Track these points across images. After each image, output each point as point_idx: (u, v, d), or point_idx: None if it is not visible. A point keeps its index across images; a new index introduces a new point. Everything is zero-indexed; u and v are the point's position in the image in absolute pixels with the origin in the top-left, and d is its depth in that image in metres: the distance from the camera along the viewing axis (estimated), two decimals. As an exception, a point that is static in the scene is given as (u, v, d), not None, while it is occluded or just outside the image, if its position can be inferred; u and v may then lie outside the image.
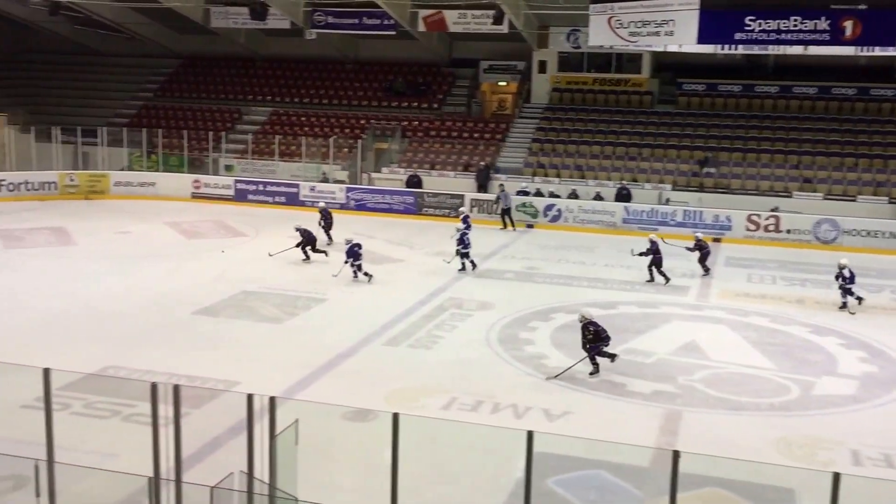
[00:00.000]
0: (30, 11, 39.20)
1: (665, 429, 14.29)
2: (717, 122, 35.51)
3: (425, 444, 11.87)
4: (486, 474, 12.47)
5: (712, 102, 36.43)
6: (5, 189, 33.65)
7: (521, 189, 32.32)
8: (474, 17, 34.09)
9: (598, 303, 21.43)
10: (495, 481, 12.30)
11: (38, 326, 18.55)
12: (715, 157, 33.89)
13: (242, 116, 40.89)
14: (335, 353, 17.33)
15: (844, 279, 21.29)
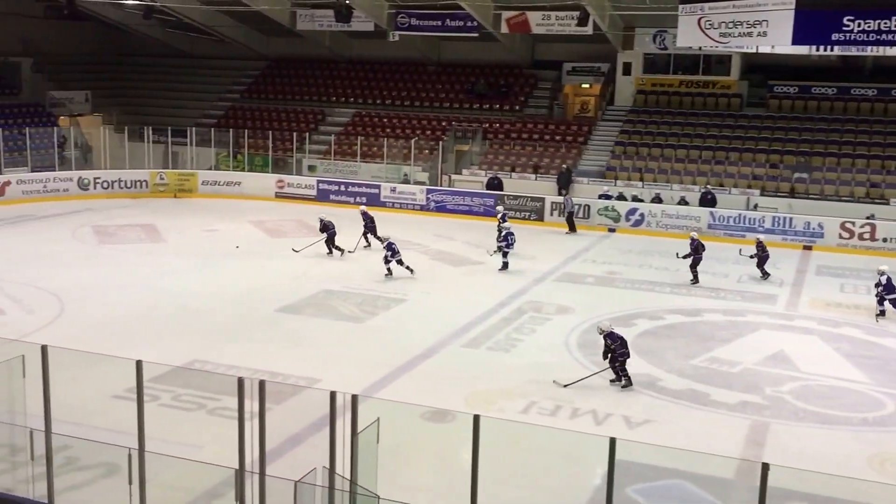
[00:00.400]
0: (124, 15, 40.25)
1: (751, 440, 13.98)
2: (810, 126, 34.63)
3: (504, 447, 11.82)
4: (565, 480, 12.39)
5: (805, 105, 35.54)
6: (100, 186, 34.59)
7: (603, 193, 32.01)
8: (558, 18, 33.83)
9: (682, 310, 21.10)
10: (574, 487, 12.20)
11: (128, 320, 19.04)
12: (807, 161, 33.08)
13: (326, 118, 41.34)
14: (414, 353, 17.40)
15: (882, 287, 20.68)
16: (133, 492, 9.53)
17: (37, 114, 39.35)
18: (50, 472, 10.07)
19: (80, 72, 43.78)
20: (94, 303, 20.32)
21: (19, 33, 41.29)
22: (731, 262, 26.20)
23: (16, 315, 19.11)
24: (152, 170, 35.98)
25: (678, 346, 18.41)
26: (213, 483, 10.85)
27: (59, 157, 35.74)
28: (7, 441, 11.40)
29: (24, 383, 10.49)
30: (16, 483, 10.61)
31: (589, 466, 12.28)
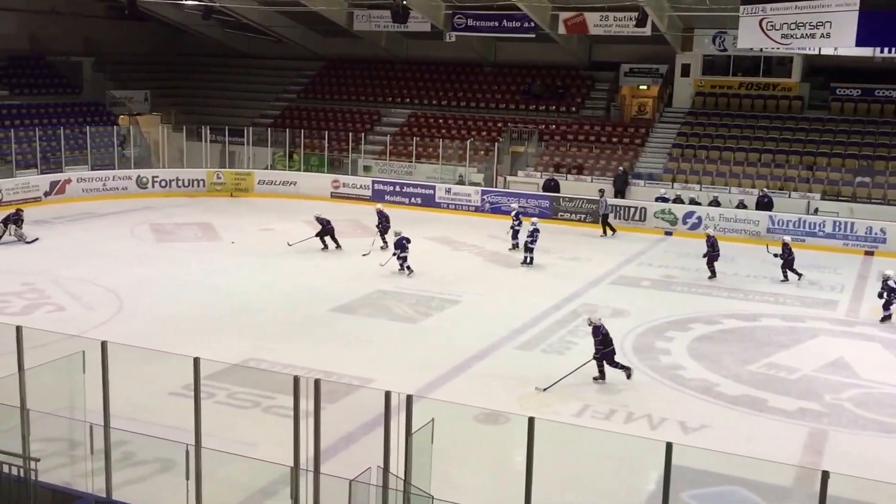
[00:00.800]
0: (184, 15, 40.83)
1: (809, 448, 13.76)
2: (873, 129, 33.94)
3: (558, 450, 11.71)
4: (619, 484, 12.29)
5: (868, 108, 34.82)
6: (158, 185, 35.10)
7: (660, 196, 31.67)
8: (616, 19, 33.57)
9: (740, 314, 20.81)
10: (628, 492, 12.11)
11: (185, 317, 19.29)
12: (869, 165, 32.41)
13: (381, 118, 41.49)
14: (468, 354, 17.38)
15: (890, 291, 20.25)
16: (189, 487, 9.62)
17: (97, 113, 40.05)
18: (108, 466, 10.21)
19: (140, 71, 44.52)
20: (152, 300, 20.61)
21: (81, 33, 42.10)
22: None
23: (76, 311, 19.46)
24: (209, 169, 36.40)
25: (735, 351, 18.17)
26: (267, 480, 10.93)
27: (119, 156, 36.31)
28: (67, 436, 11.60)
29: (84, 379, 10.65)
30: (74, 477, 10.77)
31: (643, 471, 12.17)
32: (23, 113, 37.05)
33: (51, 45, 40.82)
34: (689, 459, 11.07)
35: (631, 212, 31.25)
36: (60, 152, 34.53)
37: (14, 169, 32.98)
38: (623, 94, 39.19)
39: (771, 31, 22.33)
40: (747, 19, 23.00)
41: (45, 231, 27.48)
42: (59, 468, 11.16)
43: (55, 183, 32.91)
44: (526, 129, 38.04)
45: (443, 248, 27.46)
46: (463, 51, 40.34)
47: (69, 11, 41.03)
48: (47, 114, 37.92)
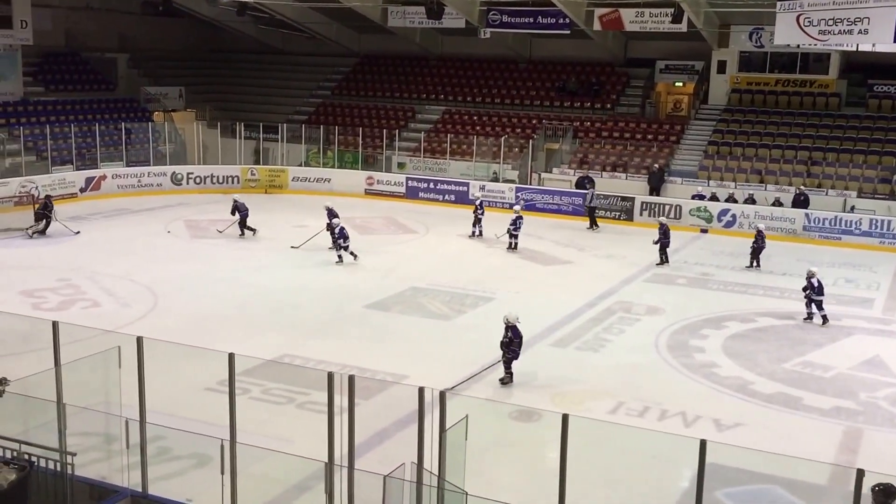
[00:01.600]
0: (218, 12, 41.03)
1: (845, 446, 13.65)
2: (912, 126, 33.51)
3: (592, 447, 11.67)
4: (653, 481, 12.24)
5: (906, 105, 34.41)
6: (192, 182, 35.35)
7: (697, 193, 31.41)
8: (652, 15, 33.32)
9: (775, 312, 20.63)
10: (662, 489, 12.06)
11: (220, 313, 19.42)
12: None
13: (416, 115, 41.51)
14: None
15: (813, 289, 19.97)
16: (225, 482, 9.68)
17: (132, 109, 40.38)
18: (144, 461, 10.29)
19: (175, 68, 44.82)
20: (186, 296, 20.77)
21: (116, 29, 42.48)
22: (826, 264, 25.52)
23: (111, 307, 19.65)
24: (244, 166, 36.61)
25: (770, 349, 18.05)
26: (302, 476, 10.97)
27: (154, 153, 36.60)
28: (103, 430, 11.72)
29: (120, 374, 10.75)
30: (111, 472, 10.87)
31: (677, 469, 12.11)
32: (58, 109, 37.42)
33: (86, 41, 41.19)
34: (723, 457, 11.00)
35: (666, 209, 31.04)
36: (96, 149, 34.84)
37: (50, 165, 33.35)
38: (658, 91, 38.94)
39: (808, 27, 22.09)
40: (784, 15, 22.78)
41: (82, 227, 27.78)
42: (96, 463, 11.26)
43: (91, 179, 33.24)
44: (560, 126, 37.89)
45: (477, 246, 27.43)
46: (497, 47, 40.26)
47: (104, 8, 41.47)
48: (82, 110, 38.27)
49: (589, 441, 11.57)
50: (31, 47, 36.94)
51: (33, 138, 34.35)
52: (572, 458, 8.71)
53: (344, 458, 9.35)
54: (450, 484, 9.02)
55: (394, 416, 13.01)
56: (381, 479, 8.91)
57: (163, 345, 11.83)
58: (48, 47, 39.18)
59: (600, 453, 12.06)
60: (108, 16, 41.84)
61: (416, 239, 28.34)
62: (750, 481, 11.83)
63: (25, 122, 35.15)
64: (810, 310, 20.09)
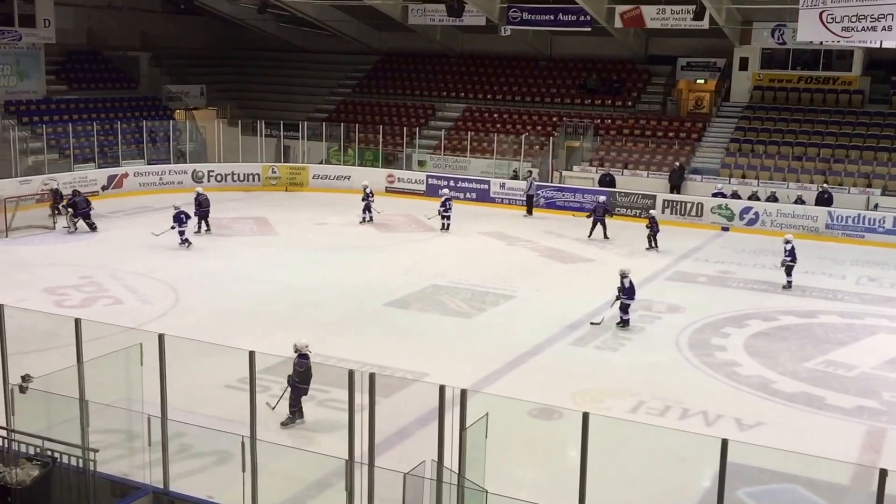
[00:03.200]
0: (239, 10, 41.22)
1: (867, 446, 13.54)
2: (936, 124, 33.20)
3: (612, 446, 11.64)
4: (674, 481, 12.18)
5: (930, 102, 34.10)
6: (213, 180, 35.47)
7: (717, 191, 31.24)
8: (673, 12, 33.14)
9: (797, 311, 20.48)
10: (683, 488, 12.00)
11: (240, 311, 19.48)
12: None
13: (436, 112, 41.49)
14: (522, 349, 17.34)
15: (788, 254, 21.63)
16: (245, 479, 9.71)
17: (154, 107, 40.57)
18: (165, 458, 10.35)
19: (196, 66, 45.01)
20: (207, 293, 20.86)
21: (138, 28, 42.69)
22: (848, 263, 25.37)
23: (133, 304, 19.76)
24: (265, 163, 36.71)
25: (792, 348, 17.92)
26: (322, 473, 10.99)
27: (175, 151, 36.75)
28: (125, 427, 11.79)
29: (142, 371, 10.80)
30: (132, 468, 10.93)
31: (698, 468, 12.05)
32: (80, 107, 37.66)
33: (108, 39, 41.42)
34: (744, 457, 10.94)
35: (687, 207, 30.91)
36: (117, 146, 35.04)
37: (72, 163, 33.56)
38: (680, 89, 38.73)
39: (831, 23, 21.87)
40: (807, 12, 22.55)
41: (104, 225, 27.95)
42: (118, 459, 11.33)
43: (113, 177, 33.45)
44: (581, 123, 37.78)
45: (497, 243, 27.40)
46: (518, 45, 40.19)
47: (126, 6, 41.69)
48: (104, 108, 38.48)
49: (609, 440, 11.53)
50: (54, 46, 37.19)
51: (56, 136, 34.58)
52: (592, 456, 8.69)
53: (364, 456, 9.36)
54: (470, 482, 9.02)
55: (414, 413, 13.02)
56: (402, 477, 8.91)
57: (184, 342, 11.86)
58: (71, 46, 39.43)
59: (621, 452, 12.02)
60: (130, 14, 42.07)
61: (436, 236, 28.33)
62: (771, 481, 11.77)
63: (48, 121, 35.40)
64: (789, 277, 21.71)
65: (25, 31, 35.41)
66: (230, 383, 13.91)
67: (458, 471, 9.10)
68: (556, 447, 12.82)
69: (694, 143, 35.59)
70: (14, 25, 35.12)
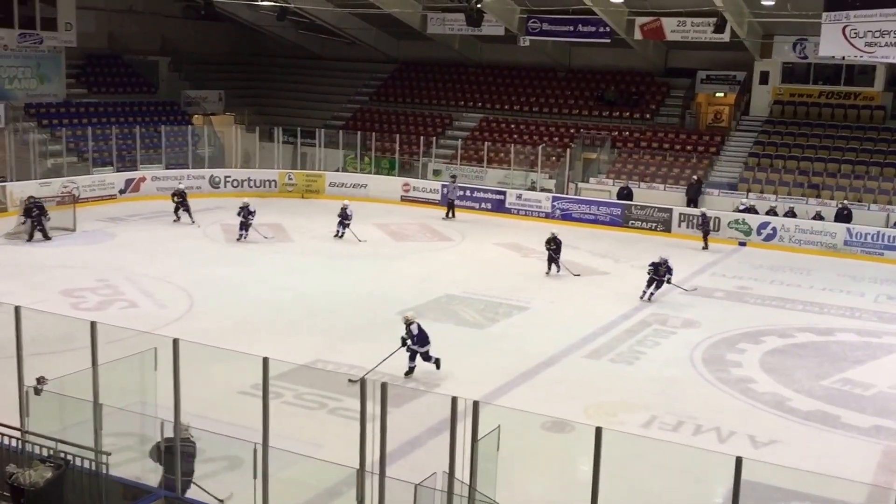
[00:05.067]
0: (259, 16, 41.34)
1: (884, 466, 13.42)
2: (958, 141, 32.94)
3: (624, 461, 11.55)
4: (686, 498, 12.10)
5: (953, 119, 33.85)
6: (230, 185, 35.55)
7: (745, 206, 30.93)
8: (694, 25, 33.04)
9: (814, 328, 20.34)
10: (696, 506, 11.91)
11: (255, 317, 19.50)
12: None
13: (453, 122, 41.48)
14: (535, 361, 17.29)
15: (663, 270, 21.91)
16: (257, 486, 9.69)
17: (172, 112, 40.70)
18: (177, 462, 10.33)
19: (215, 71, 45.14)
20: (222, 298, 20.89)
21: (158, 33, 42.88)
22: (867, 280, 25.19)
23: (148, 308, 19.81)
24: (281, 170, 36.78)
25: (809, 365, 17.80)
26: (333, 482, 10.96)
27: (193, 155, 36.88)
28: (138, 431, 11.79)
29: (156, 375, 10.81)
30: (145, 472, 10.93)
31: (711, 485, 11.97)
32: (100, 111, 37.80)
33: (128, 44, 41.60)
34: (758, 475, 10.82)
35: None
36: (136, 150, 35.17)
37: (90, 166, 33.70)
38: (699, 102, 38.62)
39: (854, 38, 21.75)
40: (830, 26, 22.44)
41: (121, 228, 28.08)
42: (130, 462, 11.33)
43: (130, 181, 33.57)
44: (599, 135, 37.70)
45: (512, 255, 27.35)
46: (537, 55, 40.18)
47: (147, 11, 41.86)
48: (123, 112, 38.62)
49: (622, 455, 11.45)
50: (75, 49, 37.40)
51: (75, 139, 34.73)
52: (605, 471, 8.62)
53: (375, 465, 9.33)
54: (481, 494, 8.97)
55: (426, 424, 12.97)
56: (412, 488, 8.87)
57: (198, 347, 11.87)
58: (91, 49, 39.63)
59: (634, 467, 11.93)
60: (150, 19, 42.26)
61: (451, 246, 28.31)
62: (786, 500, 11.66)
63: (68, 124, 35.53)
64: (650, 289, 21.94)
65: (47, 34, 35.63)
66: (244, 389, 13.91)
67: (470, 483, 9.05)
68: (568, 461, 12.74)
69: (712, 156, 35.47)
70: (36, 28, 35.35)
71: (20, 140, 32.75)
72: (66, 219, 27.34)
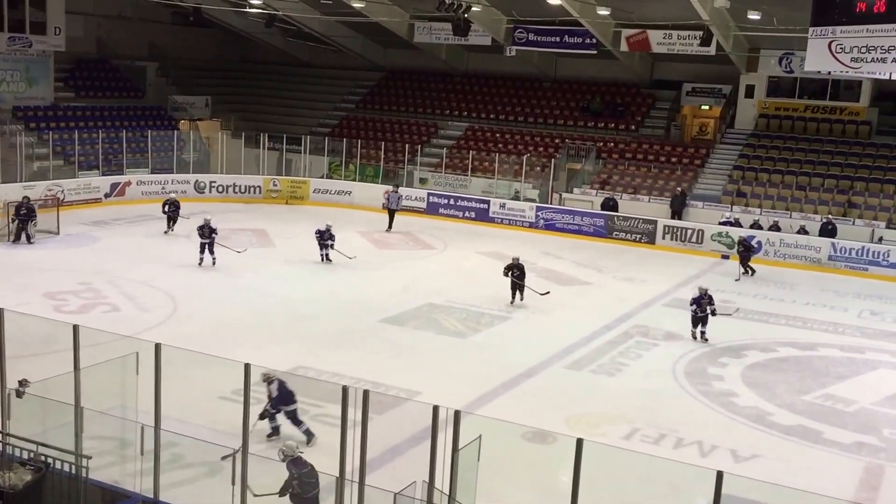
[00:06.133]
0: (247, 23, 41.36)
1: (865, 483, 13.43)
2: (944, 157, 33.13)
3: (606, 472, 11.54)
4: (667, 510, 12.07)
5: (939, 135, 34.04)
6: (215, 190, 35.50)
7: (726, 219, 31.02)
8: (680, 37, 33.20)
9: (797, 343, 20.40)
10: (676, 519, 11.89)
11: (237, 322, 19.43)
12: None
13: (439, 130, 41.54)
14: (516, 371, 17.26)
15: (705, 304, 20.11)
16: (235, 492, 9.64)
17: (159, 117, 40.64)
18: (157, 467, 10.29)
19: (202, 77, 45.14)
20: (205, 304, 20.82)
21: (147, 38, 42.90)
22: (851, 295, 25.29)
23: (131, 312, 19.71)
24: (266, 176, 36.73)
25: (791, 380, 17.82)
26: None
27: (178, 160, 36.79)
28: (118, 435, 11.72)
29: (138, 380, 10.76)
30: (123, 476, 10.86)
31: (692, 499, 11.95)
32: (87, 115, 37.74)
33: (116, 49, 41.57)
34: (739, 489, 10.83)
35: (688, 234, 30.88)
36: (122, 155, 35.10)
37: (76, 170, 33.64)
38: (684, 114, 38.79)
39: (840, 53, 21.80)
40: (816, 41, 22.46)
41: (105, 232, 27.95)
42: (109, 466, 11.27)
43: (115, 185, 33.47)
44: (584, 146, 37.81)
45: (494, 264, 27.18)
46: (523, 65, 40.28)
47: (136, 17, 41.83)
48: (110, 116, 38.56)
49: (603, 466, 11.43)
50: (63, 53, 37.33)
51: (62, 143, 34.63)
52: (585, 483, 8.62)
53: (355, 473, 9.30)
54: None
55: (406, 432, 12.92)
56: (392, 497, 8.84)
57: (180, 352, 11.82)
58: (80, 54, 39.56)
59: (614, 479, 11.89)
60: (139, 25, 42.22)
61: (434, 255, 28.30)
62: (765, 514, 11.65)
63: (55, 127, 35.46)
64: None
65: (36, 38, 35.55)
66: (224, 394, 13.86)
67: (450, 493, 9.03)
68: (548, 472, 12.71)
69: (697, 169, 35.61)
70: (25, 32, 35.28)
71: (7, 143, 32.67)
72: (50, 222, 27.19)
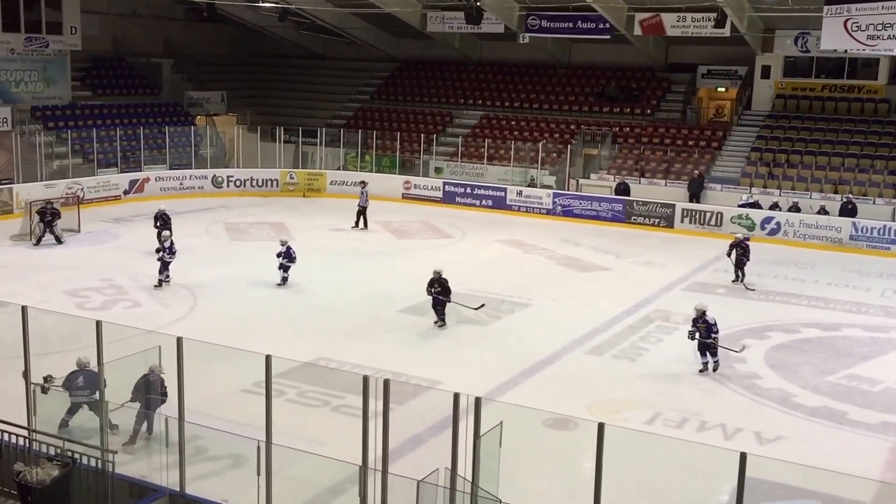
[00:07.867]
0: (260, 17, 41.36)
1: (892, 463, 13.36)
2: (963, 134, 32.80)
3: (628, 457, 11.54)
4: (690, 494, 12.07)
5: (958, 112, 33.69)
6: (232, 185, 35.62)
7: (745, 202, 30.82)
8: (694, 20, 32.94)
9: (820, 323, 20.28)
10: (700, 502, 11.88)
11: (257, 315, 19.52)
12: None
13: (454, 119, 41.47)
14: (537, 358, 17.27)
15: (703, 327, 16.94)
16: (260, 483, 9.70)
17: (175, 113, 40.76)
18: (182, 460, 10.35)
19: (217, 72, 45.19)
20: (225, 298, 20.91)
21: (162, 35, 42.99)
22: (873, 275, 25.12)
23: (152, 307, 19.83)
24: (283, 169, 36.80)
25: (814, 361, 17.72)
26: (336, 479, 10.95)
27: (195, 156, 36.94)
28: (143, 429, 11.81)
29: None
30: (150, 470, 10.96)
31: (716, 482, 11.94)
32: (104, 113, 37.89)
33: (132, 46, 41.69)
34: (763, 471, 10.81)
35: (707, 216, 30.71)
36: (140, 151, 35.26)
37: (95, 168, 33.82)
38: (700, 97, 38.53)
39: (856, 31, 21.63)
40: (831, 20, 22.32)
41: (125, 229, 28.12)
42: (135, 461, 11.36)
43: (134, 182, 33.65)
44: (599, 131, 37.67)
45: (513, 251, 27.32)
46: (536, 52, 40.13)
47: (150, 14, 41.93)
48: (127, 114, 38.71)
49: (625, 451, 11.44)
50: (80, 52, 37.47)
51: (80, 141, 34.81)
52: (608, 467, 8.62)
53: (378, 462, 9.33)
54: (483, 491, 8.97)
55: (428, 421, 12.97)
56: (415, 485, 8.87)
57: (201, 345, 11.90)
58: (96, 52, 39.70)
59: (637, 464, 11.90)
60: (153, 22, 42.33)
61: (452, 244, 28.29)
62: (791, 497, 11.59)
63: (73, 126, 35.63)
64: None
65: (52, 37, 35.71)
66: (246, 387, 13.94)
67: (472, 479, 9.04)
68: (571, 458, 12.73)
69: (714, 151, 35.41)
70: (42, 32, 35.45)
71: (27, 142, 32.88)
72: (71, 220, 27.36)
